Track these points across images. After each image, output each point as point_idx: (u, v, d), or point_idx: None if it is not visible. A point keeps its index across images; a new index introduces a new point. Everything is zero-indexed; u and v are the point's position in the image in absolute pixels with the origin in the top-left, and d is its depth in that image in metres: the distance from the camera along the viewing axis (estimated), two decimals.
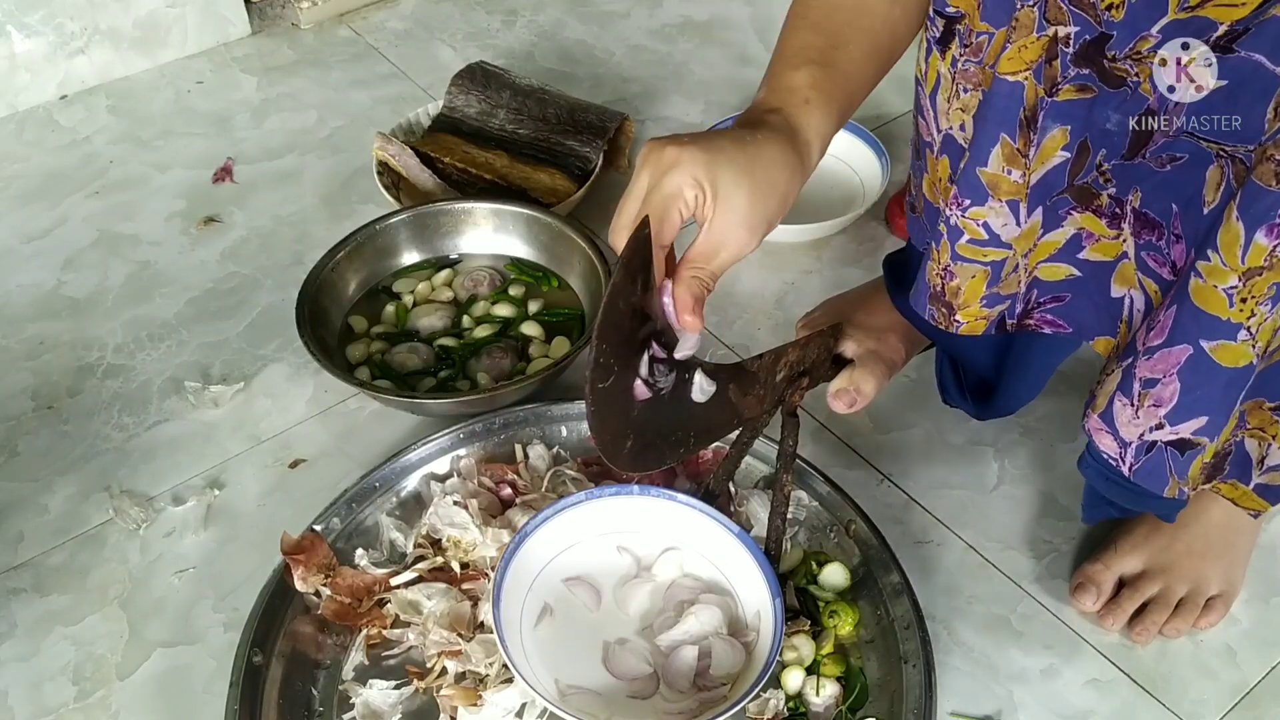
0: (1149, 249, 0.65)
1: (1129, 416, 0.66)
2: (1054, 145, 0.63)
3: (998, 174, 0.66)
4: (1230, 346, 0.60)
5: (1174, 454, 0.65)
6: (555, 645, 0.73)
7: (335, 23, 1.50)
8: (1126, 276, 0.68)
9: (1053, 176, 0.65)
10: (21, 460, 0.94)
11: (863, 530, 0.82)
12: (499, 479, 0.86)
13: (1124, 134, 0.61)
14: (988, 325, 0.74)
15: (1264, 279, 0.56)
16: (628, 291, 0.58)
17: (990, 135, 0.64)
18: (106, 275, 1.12)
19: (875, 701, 0.75)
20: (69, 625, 0.82)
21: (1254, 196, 0.55)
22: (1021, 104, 0.63)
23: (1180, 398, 0.62)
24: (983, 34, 0.63)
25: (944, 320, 0.74)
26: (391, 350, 0.98)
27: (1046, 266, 0.70)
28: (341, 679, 0.76)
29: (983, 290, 0.71)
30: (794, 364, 0.76)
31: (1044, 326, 0.74)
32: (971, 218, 0.68)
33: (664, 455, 0.68)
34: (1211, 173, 0.59)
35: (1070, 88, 0.61)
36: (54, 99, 1.36)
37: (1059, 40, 0.59)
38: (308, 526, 0.81)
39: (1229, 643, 0.81)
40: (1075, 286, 0.71)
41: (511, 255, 1.08)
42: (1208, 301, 0.59)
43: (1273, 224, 0.55)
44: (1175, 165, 0.61)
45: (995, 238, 0.68)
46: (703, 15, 1.51)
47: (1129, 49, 0.57)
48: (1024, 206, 0.67)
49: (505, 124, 1.21)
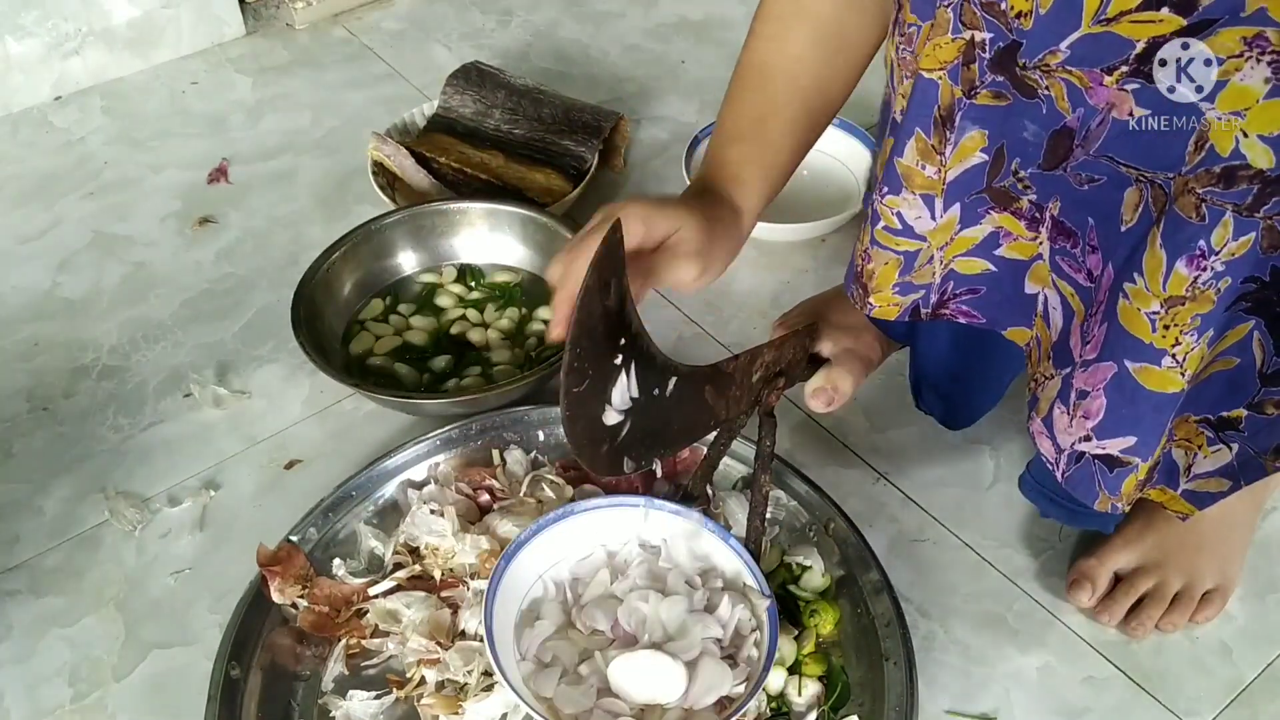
0: (1063, 255, 0.66)
1: (1065, 424, 0.66)
2: (972, 146, 0.64)
3: (912, 166, 0.66)
4: (1155, 371, 0.60)
5: (1102, 468, 0.66)
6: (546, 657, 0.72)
7: (330, 23, 1.50)
8: (1040, 276, 0.69)
9: (970, 176, 0.66)
10: (16, 462, 0.94)
11: (842, 528, 0.82)
12: (477, 485, 0.86)
13: (1039, 145, 0.62)
14: (901, 312, 0.75)
15: (1187, 309, 0.57)
16: (600, 295, 0.58)
17: (909, 128, 0.65)
18: (101, 276, 1.12)
19: (857, 700, 0.75)
20: (65, 627, 0.82)
21: (1176, 226, 0.55)
22: (936, 102, 0.63)
23: (1106, 414, 0.63)
24: (912, 25, 0.64)
25: (860, 301, 0.76)
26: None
27: (963, 260, 0.71)
28: (321, 690, 0.76)
29: (895, 278, 0.72)
30: (770, 364, 0.76)
31: (959, 317, 0.75)
32: (888, 205, 0.69)
33: (641, 458, 0.68)
34: (1129, 194, 0.60)
35: (987, 93, 0.61)
36: (48, 100, 1.36)
37: (976, 44, 0.59)
38: (284, 537, 0.81)
39: (1225, 640, 0.81)
40: (990, 280, 0.71)
41: (502, 260, 1.08)
42: (1133, 324, 0.60)
43: (1193, 255, 0.55)
44: (1093, 185, 0.61)
45: (909, 229, 0.69)
46: (698, 15, 1.51)
47: (1038, 60, 0.57)
48: (940, 202, 0.67)
49: (500, 124, 1.21)
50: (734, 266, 0.75)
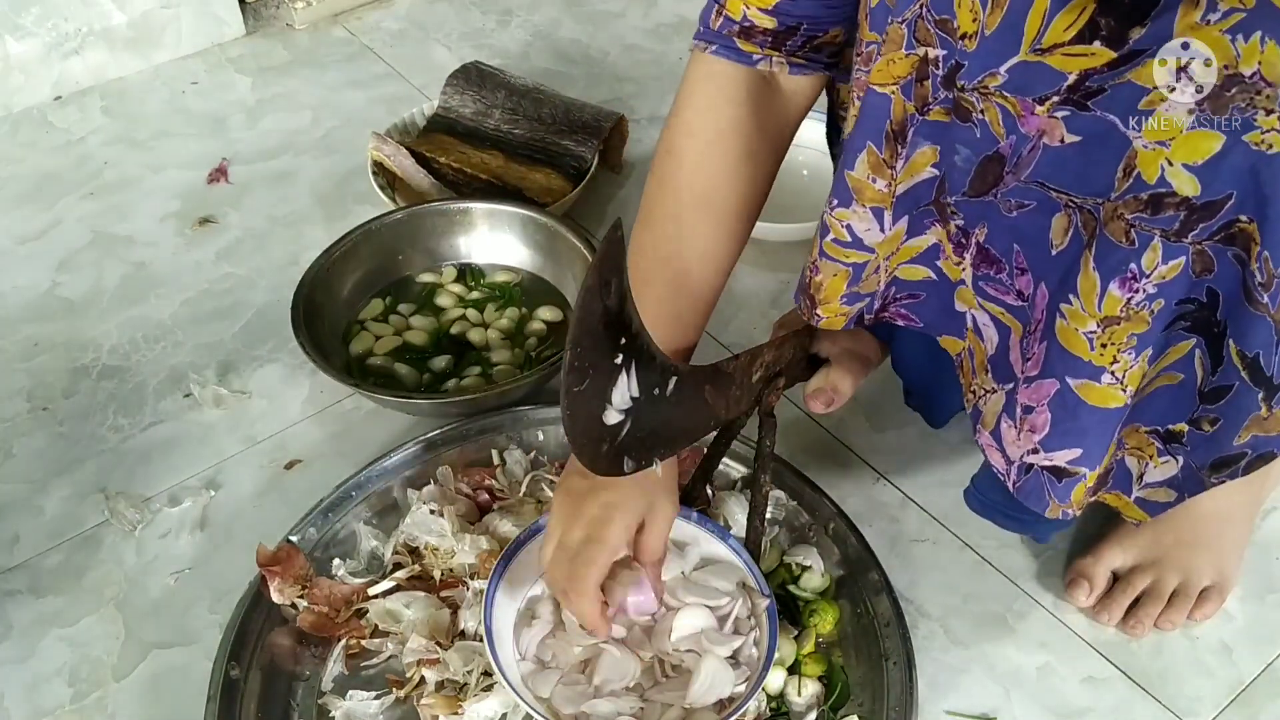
0: (988, 280, 0.67)
1: (1013, 437, 0.67)
2: (924, 161, 0.64)
3: (863, 180, 0.67)
4: (1095, 387, 0.61)
5: (1051, 479, 0.67)
6: (545, 656, 0.72)
7: (330, 23, 1.50)
8: (966, 299, 0.70)
9: (921, 190, 0.66)
10: (17, 462, 0.94)
11: (842, 529, 0.82)
12: (476, 485, 0.86)
13: (967, 171, 0.63)
14: (847, 321, 0.75)
15: (1122, 329, 0.58)
16: (600, 294, 0.58)
17: (859, 142, 0.66)
18: (101, 276, 1.12)
19: (857, 700, 0.75)
20: (65, 627, 0.82)
21: (1107, 250, 0.57)
22: (889, 117, 0.63)
23: (1051, 428, 0.64)
24: (870, 44, 0.64)
25: (807, 312, 0.76)
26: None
27: (907, 268, 0.72)
28: (320, 691, 0.76)
29: (843, 289, 0.73)
30: (770, 364, 0.76)
31: (898, 319, 0.76)
32: (837, 218, 0.69)
33: (641, 458, 0.68)
34: (1058, 220, 0.60)
35: (940, 109, 0.61)
36: (48, 100, 1.36)
37: (930, 61, 0.60)
38: (284, 537, 0.81)
39: (1225, 639, 0.81)
40: (929, 288, 0.72)
41: (502, 260, 1.08)
42: (1070, 342, 0.61)
43: (1124, 278, 0.56)
44: (1022, 211, 0.62)
45: (858, 241, 0.70)
46: (697, 14, 1.50)
47: (977, 82, 0.58)
48: (889, 214, 0.68)
49: (500, 124, 1.21)
50: (734, 266, 0.75)
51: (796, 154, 1.20)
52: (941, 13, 0.58)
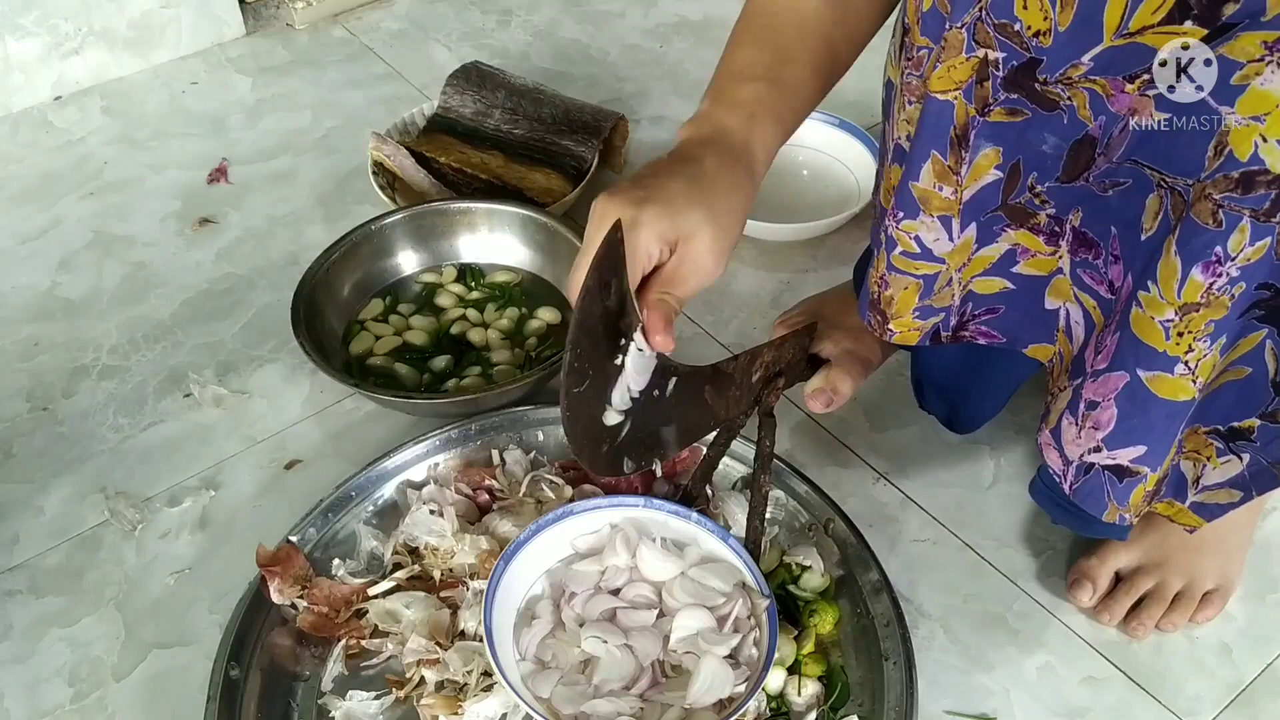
0: (1085, 266, 0.66)
1: (1073, 435, 0.66)
2: (986, 164, 0.64)
3: (929, 189, 0.66)
4: (1167, 379, 0.60)
5: (1112, 479, 0.66)
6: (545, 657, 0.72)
7: (330, 23, 1.50)
8: (1062, 291, 0.69)
9: (985, 194, 0.66)
10: (17, 462, 0.94)
11: (841, 529, 0.82)
12: (476, 485, 0.86)
13: (1059, 157, 0.62)
14: (921, 336, 0.74)
15: (1201, 315, 0.57)
16: (600, 295, 0.58)
17: (923, 151, 0.65)
18: (101, 276, 1.12)
19: (857, 700, 0.75)
20: (65, 627, 0.82)
21: (1191, 233, 0.56)
22: (952, 122, 0.63)
23: (1117, 424, 0.63)
24: (923, 49, 0.64)
25: (879, 328, 0.75)
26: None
27: (981, 280, 0.71)
28: (320, 691, 0.76)
29: (915, 302, 0.72)
30: (770, 364, 0.76)
31: (979, 338, 0.75)
32: (905, 230, 0.69)
33: (640, 458, 0.68)
34: (1151, 200, 0.60)
35: (1001, 109, 0.61)
36: (48, 100, 1.36)
37: (989, 63, 0.60)
38: (284, 538, 0.81)
39: (1225, 640, 0.81)
40: (1009, 299, 0.71)
41: (502, 260, 1.08)
42: (1146, 332, 0.60)
43: (1208, 262, 0.55)
44: (1117, 190, 0.61)
45: (928, 252, 0.69)
46: (697, 14, 1.51)
47: (1060, 74, 0.58)
48: (956, 222, 0.67)
49: (500, 124, 1.21)
50: (734, 266, 0.75)
51: (797, 154, 1.21)
52: (1001, 16, 0.57)
